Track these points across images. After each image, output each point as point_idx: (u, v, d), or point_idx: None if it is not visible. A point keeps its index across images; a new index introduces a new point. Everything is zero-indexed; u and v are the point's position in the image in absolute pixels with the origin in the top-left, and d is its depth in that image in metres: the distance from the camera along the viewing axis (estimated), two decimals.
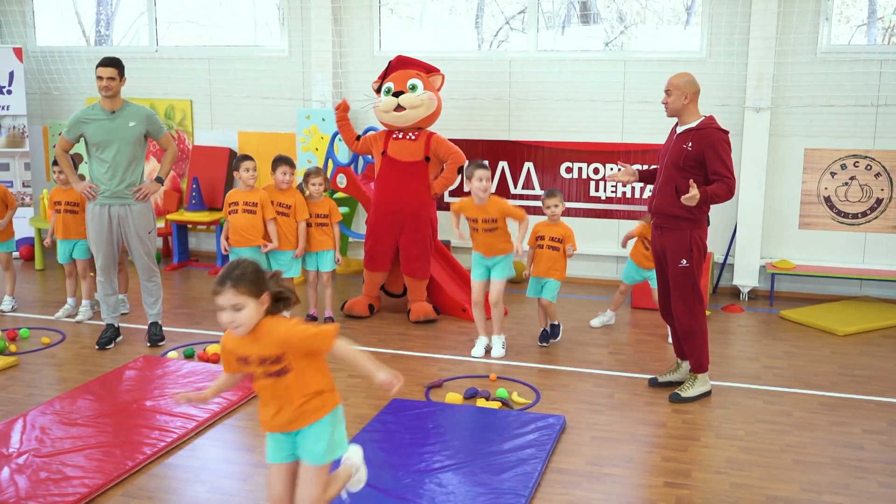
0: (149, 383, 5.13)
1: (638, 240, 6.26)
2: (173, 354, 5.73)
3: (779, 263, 7.22)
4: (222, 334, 6.21)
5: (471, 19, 8.63)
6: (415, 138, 6.52)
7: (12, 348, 5.81)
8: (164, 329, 6.14)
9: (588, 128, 7.65)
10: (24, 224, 8.42)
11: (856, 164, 7.12)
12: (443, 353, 5.85)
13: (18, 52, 8.53)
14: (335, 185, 7.05)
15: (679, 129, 4.92)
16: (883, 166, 7.06)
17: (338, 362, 2.94)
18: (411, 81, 6.48)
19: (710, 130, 4.77)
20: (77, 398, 4.89)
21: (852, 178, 7.15)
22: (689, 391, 5.03)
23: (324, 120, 7.93)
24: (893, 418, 4.79)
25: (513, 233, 5.76)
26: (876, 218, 7.15)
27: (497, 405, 4.91)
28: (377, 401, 4.95)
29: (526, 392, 5.16)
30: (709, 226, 5.10)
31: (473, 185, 5.67)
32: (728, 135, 4.82)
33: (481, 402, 4.93)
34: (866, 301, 7.10)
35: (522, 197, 7.84)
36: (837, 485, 4.00)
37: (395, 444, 4.35)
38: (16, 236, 7.06)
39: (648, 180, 5.29)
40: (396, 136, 6.56)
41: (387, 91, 6.52)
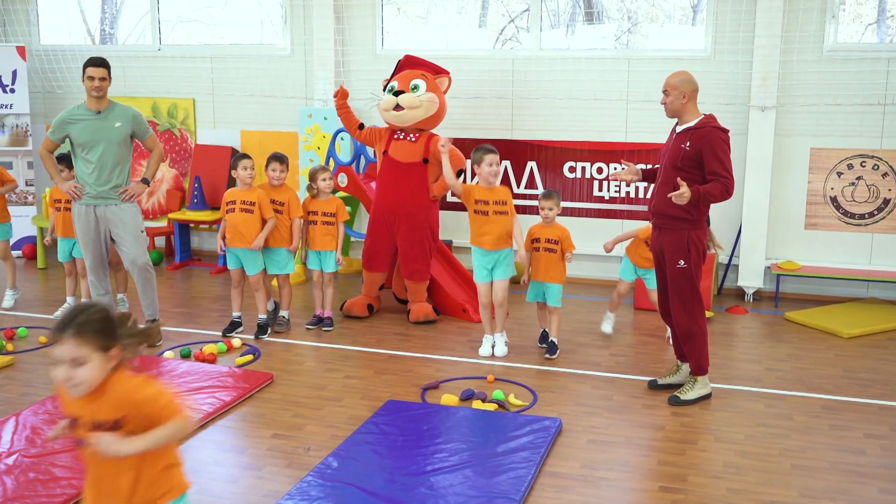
0: None
1: (640, 240, 6.15)
2: (170, 354, 5.70)
3: (784, 264, 7.13)
4: (220, 334, 6.28)
5: (475, 18, 8.58)
6: (415, 140, 6.46)
7: (9, 347, 5.80)
8: (165, 328, 6.11)
9: (592, 127, 7.58)
10: (26, 222, 8.43)
11: (863, 164, 7.02)
12: (441, 354, 5.79)
13: (21, 51, 8.54)
14: (336, 185, 7.01)
15: (678, 128, 4.85)
16: (890, 166, 6.96)
17: (340, 360, 2.90)
18: (414, 81, 6.42)
19: (708, 129, 4.69)
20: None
21: (859, 178, 7.05)
22: (689, 394, 4.96)
23: (326, 119, 7.88)
24: None
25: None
26: (883, 218, 7.05)
27: (493, 407, 4.85)
28: (372, 402, 4.91)
29: (523, 394, 5.10)
30: (709, 226, 5.02)
31: (483, 170, 5.61)
32: (727, 134, 4.73)
33: (477, 404, 4.88)
34: (873, 303, 7.00)
35: (525, 196, 7.78)
36: (836, 490, 3.92)
37: (388, 445, 4.30)
38: (16, 232, 7.04)
39: (651, 179, 5.22)
40: (398, 137, 6.50)
41: (390, 90, 6.48)
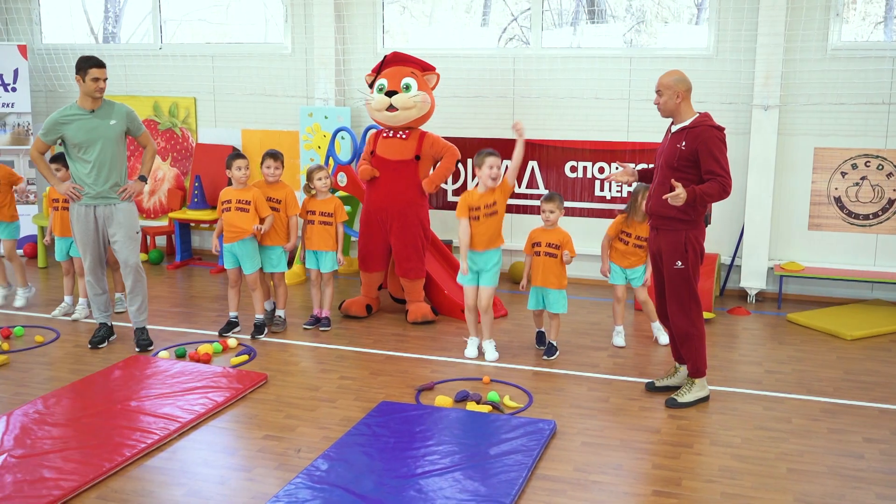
0: (136, 384, 5.06)
1: (614, 237, 5.95)
2: (164, 354, 5.67)
3: (787, 265, 7.05)
4: (216, 334, 6.23)
5: (478, 17, 8.53)
6: (405, 137, 6.40)
7: (5, 346, 5.78)
8: (162, 328, 6.09)
9: (593, 126, 7.51)
10: (27, 221, 8.42)
11: (867, 164, 6.94)
12: (437, 355, 5.74)
13: (23, 50, 8.54)
14: (336, 185, 6.98)
15: (674, 128, 4.80)
16: (895, 166, 6.87)
17: (335, 360, 2.85)
18: (405, 81, 6.36)
19: (703, 128, 4.62)
20: (62, 398, 4.83)
21: (863, 178, 6.96)
22: (686, 396, 4.90)
23: (326, 118, 7.85)
24: None
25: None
26: (888, 219, 6.96)
27: (488, 409, 4.80)
28: (366, 403, 4.86)
29: (518, 395, 5.05)
30: (708, 225, 4.95)
31: (483, 173, 5.55)
32: (723, 132, 4.67)
33: (472, 406, 4.83)
34: (877, 304, 6.91)
35: (526, 196, 7.73)
36: (833, 495, 3.85)
37: (379, 447, 4.25)
38: (22, 231, 7.01)
39: (648, 180, 5.16)
40: (386, 135, 6.45)
41: (380, 89, 6.40)
